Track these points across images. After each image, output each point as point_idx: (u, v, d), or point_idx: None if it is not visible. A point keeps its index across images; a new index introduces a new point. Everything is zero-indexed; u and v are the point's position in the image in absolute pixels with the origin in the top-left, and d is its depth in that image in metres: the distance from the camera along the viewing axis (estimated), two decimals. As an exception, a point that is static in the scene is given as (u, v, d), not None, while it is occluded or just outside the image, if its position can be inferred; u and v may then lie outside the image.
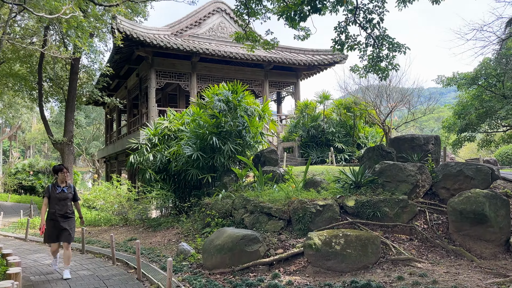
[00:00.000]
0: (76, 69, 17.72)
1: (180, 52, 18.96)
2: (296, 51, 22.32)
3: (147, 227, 12.12)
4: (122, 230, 12.47)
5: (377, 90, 15.12)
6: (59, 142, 17.53)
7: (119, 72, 22.76)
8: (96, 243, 10.79)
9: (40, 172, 31.08)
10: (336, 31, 10.80)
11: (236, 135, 12.35)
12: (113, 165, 27.59)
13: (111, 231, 12.53)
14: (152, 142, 14.55)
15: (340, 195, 8.02)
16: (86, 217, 14.53)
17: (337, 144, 15.86)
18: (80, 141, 43.80)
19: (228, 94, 12.95)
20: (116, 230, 12.53)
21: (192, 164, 12.16)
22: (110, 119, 29.67)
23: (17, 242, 11.69)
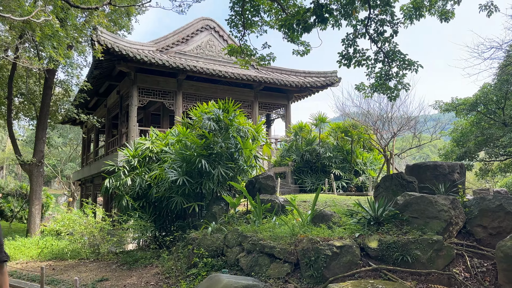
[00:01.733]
0: (50, 83, 16.03)
1: (165, 69, 17.52)
2: (287, 72, 21.19)
3: (121, 263, 10.30)
4: (93, 266, 10.60)
5: (378, 113, 13.95)
6: (27, 163, 15.62)
7: (99, 89, 21.10)
8: (60, 283, 8.93)
9: (10, 194, 28.60)
10: (344, 43, 9.56)
11: (227, 158, 10.83)
12: (88, 188, 25.50)
13: (79, 267, 10.65)
14: (131, 164, 12.86)
15: (359, 234, 6.52)
16: (53, 248, 12.58)
17: (334, 170, 14.48)
18: (56, 162, 41.34)
19: (218, 112, 11.49)
20: (85, 266, 10.66)
21: (177, 191, 10.52)
22: (87, 140, 27.72)
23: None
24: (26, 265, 11.14)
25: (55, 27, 12.68)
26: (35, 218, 15.52)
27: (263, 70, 21.12)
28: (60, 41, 13.46)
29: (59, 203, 43.50)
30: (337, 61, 9.64)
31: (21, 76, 17.03)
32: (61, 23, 13.94)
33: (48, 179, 49.02)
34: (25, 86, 16.14)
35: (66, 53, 13.89)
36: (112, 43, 15.82)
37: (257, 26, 11.75)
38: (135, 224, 11.10)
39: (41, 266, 7.84)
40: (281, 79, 19.60)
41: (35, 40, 13.49)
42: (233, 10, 10.86)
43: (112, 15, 17.30)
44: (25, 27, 13.01)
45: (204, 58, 19.92)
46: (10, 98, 15.85)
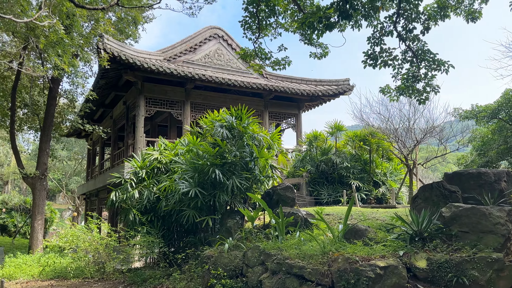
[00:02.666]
0: (54, 93, 15.35)
1: (173, 78, 16.84)
2: (298, 80, 20.45)
3: (129, 283, 9.40)
4: (97, 286, 9.70)
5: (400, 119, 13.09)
6: (30, 176, 14.84)
7: (105, 101, 20.43)
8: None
9: (14, 209, 27.82)
10: (370, 42, 8.76)
11: (242, 168, 9.98)
12: (93, 202, 24.66)
13: (83, 286, 9.75)
14: (139, 176, 12.05)
15: (403, 252, 5.62)
16: (55, 266, 11.69)
17: (352, 181, 13.57)
18: (61, 176, 40.61)
19: (231, 119, 10.70)
20: (89, 287, 9.75)
21: (188, 203, 9.66)
22: (92, 153, 26.98)
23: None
24: (26, 285, 10.25)
25: (60, 33, 12.03)
26: (38, 234, 14.66)
27: (272, 79, 20.41)
28: (65, 48, 12.80)
29: (64, 218, 42.63)
30: (362, 61, 8.84)
31: (25, 86, 16.38)
32: (66, 30, 13.31)
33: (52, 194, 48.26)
34: (29, 96, 15.46)
35: (71, 61, 13.22)
36: (118, 51, 15.17)
37: (271, 28, 11.05)
38: (143, 240, 10.22)
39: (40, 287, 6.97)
40: (292, 88, 18.85)
41: (39, 48, 12.83)
42: (247, 11, 10.14)
43: (118, 23, 16.72)
44: (29, 34, 12.37)
45: (212, 67, 19.24)
46: (14, 109, 15.16)
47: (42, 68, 11.78)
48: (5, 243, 20.77)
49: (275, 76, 20.66)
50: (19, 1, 10.83)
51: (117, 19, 17.04)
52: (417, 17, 8.56)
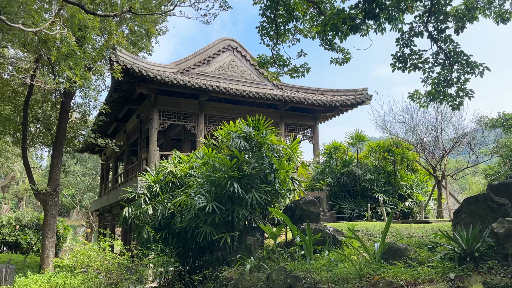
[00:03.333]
0: (67, 107, 15.01)
1: (187, 90, 16.42)
2: (313, 91, 19.86)
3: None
4: (108, 309, 9.06)
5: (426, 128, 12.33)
6: (41, 192, 14.41)
7: (118, 115, 20.11)
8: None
9: (27, 226, 27.49)
10: (398, 44, 8.14)
11: (261, 181, 9.34)
12: (106, 219, 24.19)
13: (93, 309, 9.12)
14: (153, 191, 11.49)
15: (454, 274, 4.88)
16: (66, 287, 11.10)
17: (376, 194, 12.79)
18: (75, 192, 40.43)
19: (249, 130, 10.12)
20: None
21: (205, 219, 9.02)
22: (106, 168, 26.65)
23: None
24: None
25: (72, 44, 11.69)
26: (49, 252, 14.15)
27: (287, 90, 19.87)
28: (77, 61, 12.46)
29: (78, 234, 42.29)
30: (390, 64, 8.21)
31: (37, 101, 16.11)
32: (78, 42, 13.01)
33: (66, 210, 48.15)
34: (41, 111, 15.15)
35: (83, 73, 12.86)
36: (131, 63, 14.83)
37: (289, 34, 10.52)
38: (157, 259, 9.58)
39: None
40: (308, 98, 18.26)
41: (51, 61, 12.53)
42: (264, 16, 9.64)
43: (131, 36, 16.43)
44: (41, 46, 12.07)
45: (226, 79, 18.80)
46: (25, 123, 14.85)
47: (53, 81, 11.38)
48: (18, 261, 20.31)
49: (290, 86, 20.14)
50: (31, 14, 10.52)
51: (130, 32, 16.76)
52: (448, 17, 7.93)
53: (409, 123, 12.75)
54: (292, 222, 8.47)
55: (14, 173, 39.58)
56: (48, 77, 11.79)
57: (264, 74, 20.22)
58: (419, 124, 12.81)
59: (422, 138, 12.54)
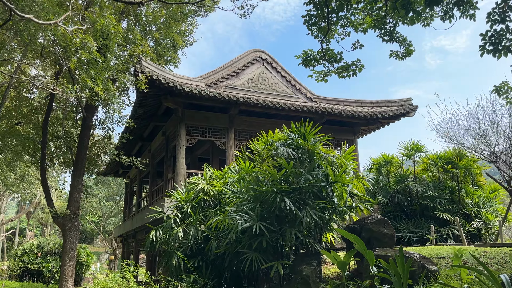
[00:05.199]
0: (88, 123, 13.79)
1: (216, 103, 15.06)
2: (351, 103, 18.21)
3: None
4: None
5: (497, 135, 10.44)
6: (60, 215, 13.04)
7: (143, 133, 18.87)
8: None
9: (50, 253, 26.20)
10: (489, 20, 6.50)
11: (315, 196, 7.64)
12: (130, 245, 22.68)
13: None
14: (183, 211, 9.91)
15: None
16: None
17: (439, 213, 10.83)
18: (99, 218, 39.30)
19: (295, 137, 8.53)
20: None
21: (249, 244, 7.33)
22: (130, 192, 25.36)
23: None
24: None
25: (92, 50, 10.51)
26: (67, 283, 12.61)
27: (322, 102, 18.28)
28: (99, 71, 11.28)
29: (101, 262, 40.87)
30: (479, 47, 6.52)
31: (58, 118, 15.01)
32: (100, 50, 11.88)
33: (90, 236, 47.04)
34: (61, 127, 13.98)
35: (105, 84, 11.63)
36: (157, 74, 13.61)
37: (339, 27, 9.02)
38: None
39: None
40: (347, 110, 16.60)
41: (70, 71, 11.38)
42: (312, 3, 8.19)
43: (157, 47, 15.31)
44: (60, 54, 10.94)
45: (256, 92, 17.40)
46: (45, 141, 13.67)
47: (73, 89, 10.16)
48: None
49: (324, 99, 18.57)
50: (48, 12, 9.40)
51: (155, 44, 15.67)
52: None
53: (477, 131, 10.89)
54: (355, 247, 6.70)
55: (39, 199, 38.80)
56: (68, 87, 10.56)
57: (297, 87, 18.82)
58: (486, 131, 10.93)
59: (493, 147, 10.64)
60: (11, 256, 28.09)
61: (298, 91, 18.28)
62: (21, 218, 46.74)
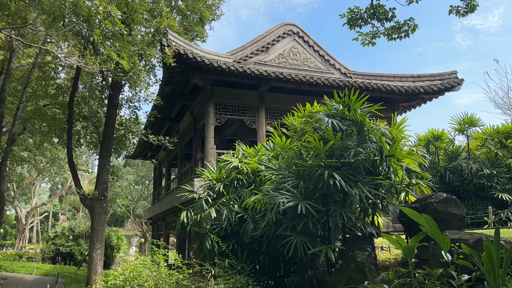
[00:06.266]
0: (115, 101, 13.16)
1: (245, 79, 14.14)
2: (389, 78, 16.89)
3: None
4: None
5: None
6: (88, 197, 12.54)
7: (170, 114, 18.19)
8: None
9: (81, 236, 26.37)
10: None
11: (367, 172, 6.65)
12: (160, 227, 22.35)
13: None
14: (215, 191, 9.13)
15: None
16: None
17: (497, 193, 9.60)
18: (129, 202, 39.48)
19: (339, 107, 7.52)
20: None
21: (292, 226, 6.43)
22: (158, 174, 25.00)
23: None
24: None
25: (116, 20, 9.75)
26: (96, 266, 12.17)
27: (357, 77, 17.04)
28: (124, 43, 10.53)
29: (132, 244, 41.26)
30: None
31: (83, 97, 14.46)
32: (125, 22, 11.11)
33: (121, 220, 47.59)
34: (87, 107, 13.41)
35: (131, 57, 10.88)
36: (184, 48, 12.76)
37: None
38: (227, 279, 7.11)
39: None
40: (387, 85, 15.32)
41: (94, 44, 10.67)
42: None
43: (183, 21, 14.44)
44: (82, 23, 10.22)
45: (287, 68, 16.32)
46: (71, 121, 13.15)
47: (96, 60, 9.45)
48: (69, 274, 18.79)
49: (360, 74, 17.33)
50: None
51: (181, 18, 14.80)
52: None
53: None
54: (416, 229, 5.71)
55: (70, 183, 39.26)
56: (91, 59, 9.87)
57: (330, 62, 17.58)
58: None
59: None
60: (44, 239, 28.51)
61: (332, 66, 17.08)
62: (54, 202, 47.72)
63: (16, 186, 36.34)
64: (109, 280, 8.03)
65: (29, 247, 36.30)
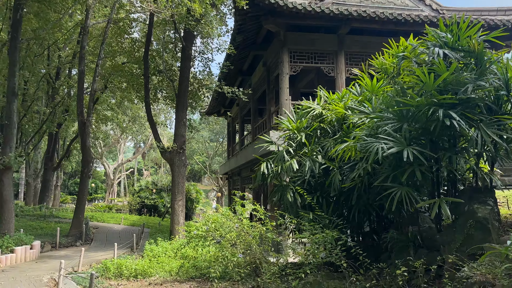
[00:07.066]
0: (188, 53, 12.72)
1: (323, 22, 12.84)
2: (491, 12, 14.38)
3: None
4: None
5: None
6: (167, 150, 12.54)
7: (242, 67, 17.52)
8: None
9: (163, 190, 27.69)
10: None
11: (488, 110, 5.38)
12: (235, 182, 22.47)
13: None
14: (295, 141, 8.37)
15: None
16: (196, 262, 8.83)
17: None
18: (205, 158, 40.67)
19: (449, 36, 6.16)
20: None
21: (393, 176, 5.47)
22: (232, 130, 24.93)
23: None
24: (159, 287, 7.51)
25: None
26: (179, 217, 12.35)
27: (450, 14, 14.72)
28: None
29: (209, 199, 42.98)
30: None
31: (158, 52, 14.25)
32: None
33: (198, 175, 49.57)
34: (162, 61, 13.17)
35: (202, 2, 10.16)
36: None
37: None
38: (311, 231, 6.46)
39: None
40: (489, 19, 13.02)
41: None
42: None
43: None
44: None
45: (369, 7, 14.53)
46: (147, 75, 13.05)
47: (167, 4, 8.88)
48: (153, 224, 19.77)
49: (455, 10, 14.97)
50: None
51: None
52: None
53: None
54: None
55: (151, 141, 41.27)
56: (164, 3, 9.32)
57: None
58: None
59: None
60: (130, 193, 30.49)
61: (421, 2, 14.92)
62: (138, 159, 50.94)
63: (103, 144, 39.09)
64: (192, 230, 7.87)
65: (117, 200, 39.45)
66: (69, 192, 44.47)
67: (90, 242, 14.96)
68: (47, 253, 12.51)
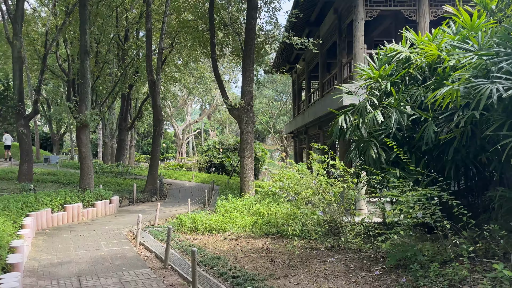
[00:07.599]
0: (254, 3, 11.93)
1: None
2: None
3: (389, 266, 5.19)
4: (335, 264, 5.85)
5: None
6: (235, 107, 12.20)
7: (310, 17, 16.36)
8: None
9: (229, 149, 27.99)
10: None
11: None
12: (302, 141, 21.85)
13: (311, 261, 6.08)
14: (380, 89, 7.47)
15: None
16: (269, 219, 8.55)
17: None
18: (268, 118, 40.33)
19: None
20: (322, 263, 6.00)
21: (509, 123, 4.53)
22: (298, 87, 24.01)
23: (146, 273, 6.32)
24: (235, 243, 7.34)
25: None
26: (248, 174, 12.16)
27: None
28: None
29: (273, 159, 43.02)
30: None
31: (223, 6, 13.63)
32: None
33: (262, 136, 49.63)
34: (227, 13, 12.55)
35: None
36: None
37: None
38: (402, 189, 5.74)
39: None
40: None
41: None
42: None
43: None
44: None
45: None
46: (213, 30, 12.58)
47: None
48: (222, 182, 20.04)
49: None
50: None
51: None
52: None
53: None
54: None
55: (217, 101, 41.69)
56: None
57: None
58: None
59: None
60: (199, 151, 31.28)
61: None
62: (204, 120, 52.09)
63: (172, 105, 40.23)
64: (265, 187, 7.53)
65: (187, 159, 40.97)
66: (142, 152, 47.02)
67: (164, 197, 15.49)
68: (125, 207, 13.11)
